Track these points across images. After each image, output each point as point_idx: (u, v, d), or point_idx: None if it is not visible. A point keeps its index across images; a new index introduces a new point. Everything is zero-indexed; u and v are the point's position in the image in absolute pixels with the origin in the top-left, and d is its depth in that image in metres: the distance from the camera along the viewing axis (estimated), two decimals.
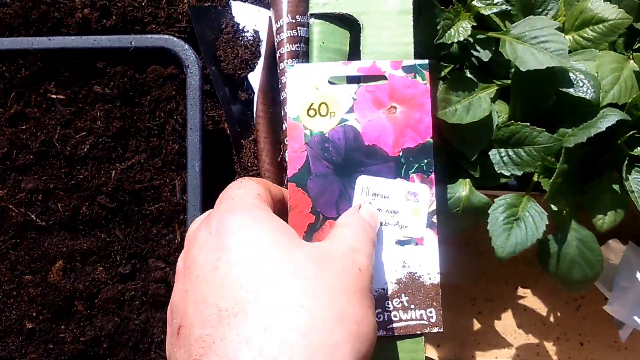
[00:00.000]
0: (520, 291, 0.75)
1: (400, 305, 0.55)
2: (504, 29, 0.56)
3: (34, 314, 0.62)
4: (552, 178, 0.53)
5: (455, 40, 0.54)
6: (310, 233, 0.56)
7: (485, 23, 0.57)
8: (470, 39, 0.55)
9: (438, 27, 0.51)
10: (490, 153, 0.58)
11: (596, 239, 0.58)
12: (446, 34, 0.55)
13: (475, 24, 0.55)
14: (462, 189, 0.60)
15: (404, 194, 0.56)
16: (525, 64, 0.51)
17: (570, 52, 0.54)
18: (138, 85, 0.59)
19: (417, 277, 0.56)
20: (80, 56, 0.57)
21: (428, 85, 0.57)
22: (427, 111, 0.56)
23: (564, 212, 0.57)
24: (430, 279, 0.56)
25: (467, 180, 0.60)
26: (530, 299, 0.76)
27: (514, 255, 0.56)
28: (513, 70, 0.56)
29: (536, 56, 0.51)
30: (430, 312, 0.56)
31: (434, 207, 0.57)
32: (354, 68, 0.57)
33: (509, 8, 0.55)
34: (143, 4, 0.59)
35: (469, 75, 0.58)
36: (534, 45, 0.52)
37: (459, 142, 0.58)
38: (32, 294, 0.61)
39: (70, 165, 0.60)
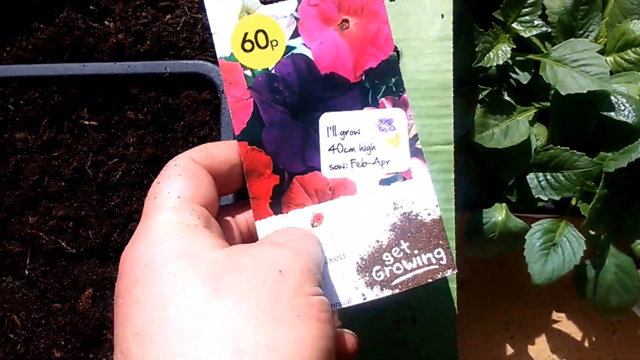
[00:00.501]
0: (555, 315, 0.74)
1: (401, 255, 0.47)
2: (544, 51, 0.54)
3: (63, 343, 0.60)
4: (592, 203, 0.53)
5: (495, 64, 0.53)
6: (278, 198, 0.46)
7: (525, 45, 0.57)
8: (509, 61, 0.55)
9: (477, 50, 0.50)
10: (527, 177, 0.58)
11: (634, 265, 0.57)
12: (485, 57, 0.54)
13: (514, 47, 0.54)
14: (498, 214, 0.58)
15: (376, 124, 0.47)
16: (566, 87, 0.51)
17: (611, 74, 0.53)
18: (171, 111, 0.58)
19: (413, 217, 0.47)
20: (114, 82, 0.56)
21: None
22: (383, 19, 0.47)
23: (602, 237, 0.56)
24: (429, 214, 0.47)
25: (504, 204, 0.59)
26: (564, 323, 0.74)
27: (550, 281, 0.55)
28: (553, 93, 0.55)
29: (577, 80, 0.51)
30: (439, 252, 0.47)
31: (414, 131, 0.48)
32: None
33: (549, 30, 0.55)
34: (178, 28, 0.59)
35: (507, 98, 0.57)
36: (574, 69, 0.52)
37: (496, 166, 0.58)
38: (61, 323, 0.60)
39: (102, 192, 0.59)
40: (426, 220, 0.47)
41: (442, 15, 0.48)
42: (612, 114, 0.53)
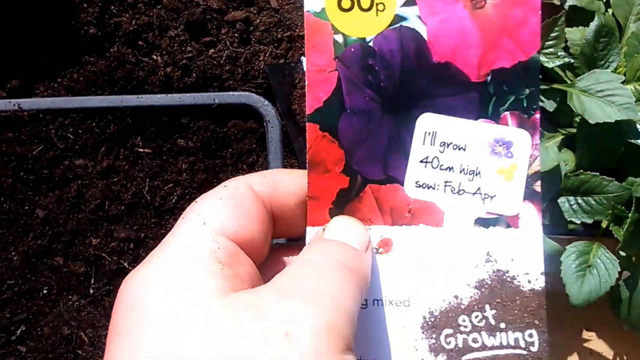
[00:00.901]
0: (586, 334, 0.73)
1: (483, 324, 0.36)
2: (568, 81, 0.58)
3: None
4: (625, 227, 0.54)
5: None
6: (342, 204, 0.36)
7: (549, 75, 0.59)
8: None
9: None
10: (559, 201, 0.59)
11: None
12: None
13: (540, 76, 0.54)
14: None
15: (490, 144, 0.36)
16: (594, 117, 0.53)
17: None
18: (220, 139, 0.62)
19: (508, 279, 0.36)
20: (165, 112, 0.60)
21: None
22: (535, 6, 0.35)
23: (634, 258, 0.58)
24: (529, 282, 0.36)
25: None
26: (595, 343, 0.72)
27: (589, 302, 0.56)
28: (579, 120, 0.57)
29: (604, 109, 0.53)
30: (531, 335, 0.36)
31: (537, 166, 0.36)
32: None
33: (572, 61, 0.58)
34: (222, 62, 0.63)
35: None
36: (600, 99, 0.54)
37: None
38: None
39: (160, 215, 0.63)
40: (524, 289, 0.36)
41: None
42: (639, 141, 0.57)
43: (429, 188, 0.36)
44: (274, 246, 0.37)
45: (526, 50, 0.36)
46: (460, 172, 0.36)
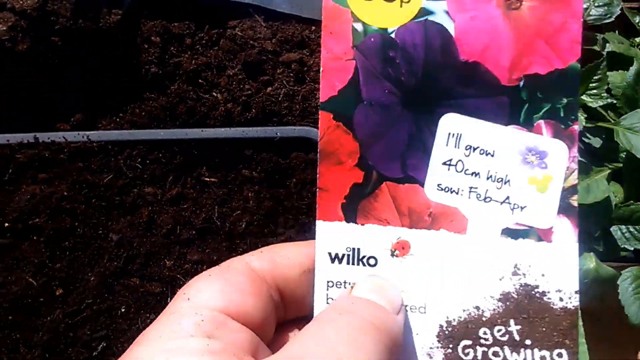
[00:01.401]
0: None
1: (506, 339, 0.32)
2: (611, 120, 0.64)
3: None
4: None
5: None
6: (355, 201, 0.34)
7: (593, 114, 0.65)
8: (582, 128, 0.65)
9: None
10: (611, 229, 0.64)
11: None
12: None
13: (586, 116, 0.64)
14: (589, 262, 0.64)
15: (521, 153, 0.34)
16: None
17: None
18: (282, 170, 0.64)
19: (537, 295, 0.32)
20: (229, 145, 0.63)
21: None
22: (576, 12, 0.34)
23: None
24: (561, 300, 0.32)
25: (591, 254, 0.65)
26: None
27: None
28: (625, 156, 0.64)
29: None
30: (560, 355, 0.31)
31: (574, 179, 0.33)
32: None
33: (614, 101, 0.65)
34: (280, 99, 0.65)
35: (580, 159, 0.63)
36: None
37: (583, 220, 0.59)
38: None
39: (230, 239, 0.65)
40: (555, 306, 0.32)
41: None
42: None
43: (452, 192, 0.33)
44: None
45: (564, 57, 0.34)
46: (488, 178, 0.33)
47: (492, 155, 0.33)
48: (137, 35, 0.62)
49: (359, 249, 0.33)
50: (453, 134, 0.34)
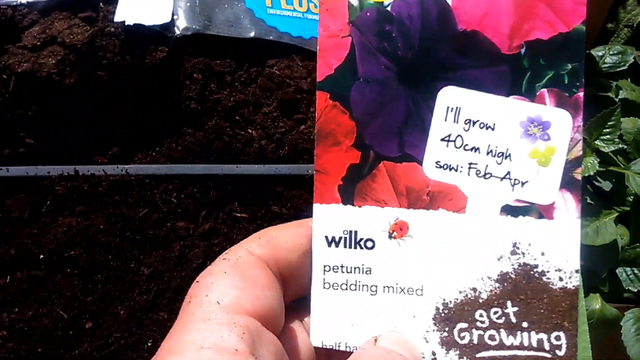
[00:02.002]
0: None
1: (502, 321, 0.32)
2: (622, 165, 0.67)
3: None
4: None
5: (586, 175, 0.65)
6: (352, 182, 0.34)
7: (603, 158, 0.68)
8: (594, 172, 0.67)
9: None
10: (617, 271, 0.67)
11: None
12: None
13: (599, 160, 0.67)
14: (595, 303, 0.67)
15: (523, 124, 0.33)
16: None
17: None
18: (312, 207, 0.65)
19: (537, 275, 0.32)
20: (261, 181, 0.64)
21: None
22: None
23: None
24: (561, 279, 0.33)
25: (597, 294, 0.68)
26: None
27: None
28: (632, 200, 0.67)
29: None
30: (558, 337, 0.32)
31: (578, 151, 0.32)
32: None
33: (625, 147, 0.67)
34: (312, 137, 0.66)
35: (590, 201, 0.67)
36: None
37: (590, 261, 0.66)
38: None
39: None
40: (554, 286, 0.32)
41: None
42: None
43: (451, 169, 0.33)
44: None
45: (567, 20, 0.32)
46: (488, 153, 0.33)
47: (493, 129, 0.33)
48: (180, 72, 0.63)
49: (356, 232, 0.34)
50: (452, 108, 0.33)
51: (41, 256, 0.63)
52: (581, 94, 0.33)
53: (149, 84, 0.63)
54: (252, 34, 0.63)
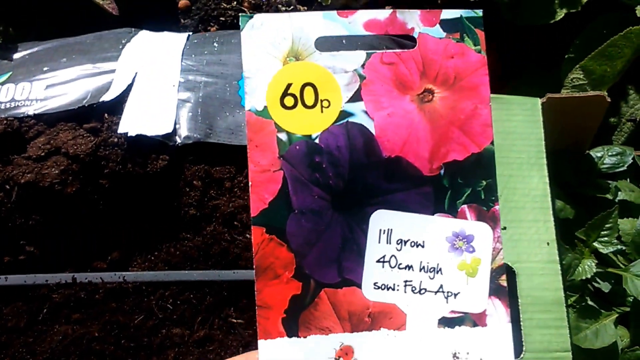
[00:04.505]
0: None
1: None
2: (621, 266, 0.67)
3: None
4: None
5: (584, 277, 0.65)
6: (296, 313, 0.36)
7: (602, 259, 0.68)
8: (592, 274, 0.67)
9: (563, 263, 0.59)
10: None
11: None
12: (576, 272, 0.66)
13: (597, 262, 0.67)
14: None
15: (449, 240, 0.36)
16: None
17: None
18: None
19: None
20: None
21: (484, 53, 0.36)
22: (484, 98, 0.37)
23: None
24: None
25: None
26: None
27: None
28: (632, 301, 0.67)
29: None
30: None
31: (500, 260, 0.36)
32: (358, 21, 0.36)
33: (624, 248, 0.68)
34: None
35: (590, 303, 0.67)
36: None
37: None
38: None
39: None
40: None
41: (548, 243, 0.51)
42: None
43: (388, 289, 0.36)
44: None
45: (478, 142, 0.36)
46: (421, 270, 0.36)
47: (423, 246, 0.36)
48: (180, 179, 0.65)
49: None
50: (384, 230, 0.36)
51: None
52: (497, 207, 0.37)
53: (150, 192, 0.64)
54: None
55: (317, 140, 0.35)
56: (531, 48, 0.83)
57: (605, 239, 0.68)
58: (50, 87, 0.64)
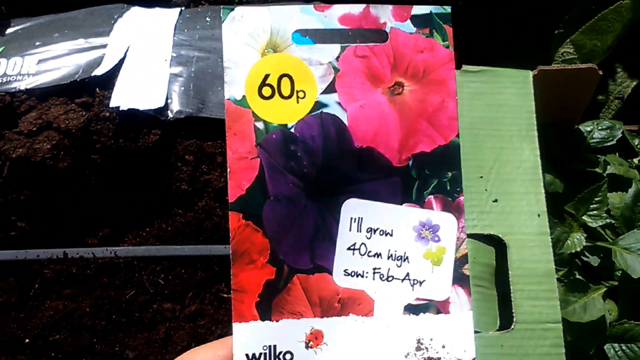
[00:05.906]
0: None
1: None
2: (610, 239, 0.69)
3: None
4: None
5: (573, 251, 0.66)
6: (269, 297, 0.37)
7: (592, 233, 0.69)
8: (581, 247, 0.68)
9: (552, 237, 0.56)
10: (605, 347, 0.66)
11: None
12: (565, 245, 0.67)
13: (586, 235, 0.68)
14: None
15: (416, 229, 0.39)
16: (636, 272, 0.63)
17: None
18: None
19: None
20: None
21: (452, 48, 0.38)
22: (450, 92, 0.39)
23: None
24: None
25: None
26: None
27: None
28: (620, 275, 0.68)
29: None
30: None
31: (464, 249, 0.38)
32: (334, 15, 0.38)
33: (613, 222, 0.69)
34: None
35: (578, 277, 0.67)
36: None
37: (577, 337, 0.66)
38: None
39: None
40: None
41: (539, 215, 0.50)
42: None
43: (357, 276, 0.38)
44: None
45: (445, 134, 0.39)
46: (388, 258, 0.38)
47: (391, 235, 0.38)
48: (172, 154, 0.66)
49: (274, 346, 0.37)
50: (355, 219, 0.37)
51: (26, 340, 0.64)
52: (462, 198, 0.39)
53: (141, 167, 0.65)
54: None
55: (292, 130, 0.37)
56: (522, 26, 0.84)
57: (595, 212, 0.69)
58: (42, 61, 0.64)
